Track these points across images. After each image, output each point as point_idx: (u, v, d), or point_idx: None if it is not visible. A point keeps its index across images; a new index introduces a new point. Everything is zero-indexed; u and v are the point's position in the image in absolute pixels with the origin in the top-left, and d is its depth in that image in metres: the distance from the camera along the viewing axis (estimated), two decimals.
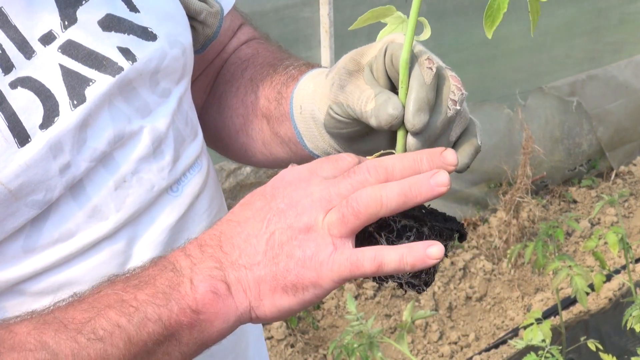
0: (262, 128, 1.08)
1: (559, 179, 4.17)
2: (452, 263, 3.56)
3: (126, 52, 0.93)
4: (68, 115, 0.86)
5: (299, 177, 0.80)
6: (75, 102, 0.87)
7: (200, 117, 1.16)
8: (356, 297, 3.30)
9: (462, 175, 3.77)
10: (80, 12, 0.91)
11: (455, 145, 0.86)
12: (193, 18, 1.07)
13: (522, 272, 3.57)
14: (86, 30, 0.91)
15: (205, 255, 0.80)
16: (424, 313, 1.95)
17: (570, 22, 3.94)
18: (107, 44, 0.92)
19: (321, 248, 0.78)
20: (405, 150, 0.83)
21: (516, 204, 3.61)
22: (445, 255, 0.79)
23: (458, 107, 0.82)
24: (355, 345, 1.92)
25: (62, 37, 0.89)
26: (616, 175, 4.30)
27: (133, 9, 0.96)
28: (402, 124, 0.82)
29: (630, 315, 1.87)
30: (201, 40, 1.09)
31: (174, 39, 0.99)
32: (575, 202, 4.10)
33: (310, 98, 0.95)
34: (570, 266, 2.14)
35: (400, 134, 0.83)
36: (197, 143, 1.04)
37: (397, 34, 0.87)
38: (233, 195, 3.09)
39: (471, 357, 3.14)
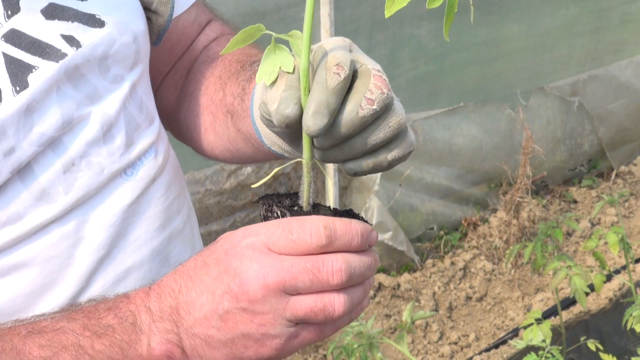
0: (228, 125, 1.09)
1: (559, 178, 4.17)
2: (452, 263, 3.57)
3: (70, 39, 0.94)
4: (10, 101, 0.87)
5: (253, 246, 0.79)
6: (17, 89, 0.88)
7: (172, 114, 1.18)
8: None
9: (462, 175, 3.78)
10: (24, 1, 0.93)
11: (380, 148, 0.84)
12: (147, 9, 1.08)
13: (522, 272, 3.57)
14: (29, 19, 0.92)
15: (163, 313, 0.82)
16: (424, 313, 1.95)
17: (571, 22, 3.94)
18: (51, 32, 0.93)
19: (282, 333, 0.80)
20: (311, 155, 0.82)
21: (516, 204, 3.61)
22: None
23: (375, 107, 0.80)
24: (355, 346, 1.92)
25: (5, 26, 0.91)
26: (616, 175, 4.30)
27: None
28: (299, 124, 0.81)
29: (631, 315, 1.87)
30: (156, 30, 1.10)
31: (124, 27, 1.00)
32: (575, 202, 4.10)
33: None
34: (569, 266, 2.14)
35: (305, 139, 0.82)
36: (154, 129, 1.06)
37: (332, 40, 0.86)
38: (234, 195, 3.09)
39: (471, 357, 3.14)
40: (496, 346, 3.17)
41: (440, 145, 3.66)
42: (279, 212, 0.83)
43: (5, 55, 0.89)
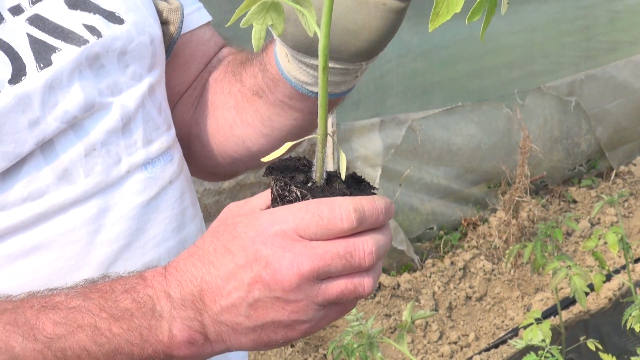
0: (257, 108, 1.08)
1: (558, 178, 4.17)
2: (452, 263, 3.57)
3: (91, 29, 0.97)
4: (35, 76, 0.90)
5: (283, 234, 0.78)
6: (41, 65, 0.91)
7: (186, 134, 1.17)
8: None
9: (461, 175, 3.78)
10: None
11: None
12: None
13: (522, 272, 3.57)
14: (53, 7, 0.96)
15: (185, 301, 0.81)
16: (423, 313, 1.95)
17: (556, 19, 3.94)
18: (73, 21, 0.97)
19: (314, 317, 0.80)
20: (325, 130, 0.81)
21: (515, 204, 3.62)
22: None
23: None
24: (355, 346, 1.92)
25: (29, 11, 0.95)
26: (616, 175, 4.30)
27: None
28: None
29: (630, 315, 1.87)
30: (167, 41, 1.11)
31: (141, 27, 1.03)
32: (575, 202, 4.10)
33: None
34: (569, 266, 2.14)
35: (321, 113, 0.80)
36: (171, 135, 1.07)
37: None
38: (233, 195, 3.09)
39: (471, 357, 3.14)
40: (496, 346, 3.17)
41: (439, 145, 3.66)
42: (298, 193, 0.81)
43: (29, 35, 0.93)
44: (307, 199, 0.80)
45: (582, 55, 4.11)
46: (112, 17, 1.00)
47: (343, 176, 0.83)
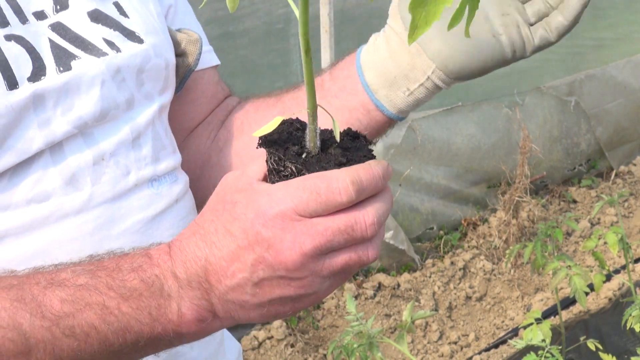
0: (301, 97, 1.09)
1: (558, 178, 4.17)
2: (452, 263, 3.57)
3: (111, 44, 0.99)
4: (54, 77, 0.92)
5: (283, 215, 0.78)
6: (61, 69, 0.93)
7: (207, 161, 1.17)
8: (356, 297, 3.30)
9: (462, 175, 3.78)
10: (73, 1, 0.99)
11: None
12: (175, 54, 1.12)
13: (522, 272, 3.57)
14: (76, 18, 0.98)
15: (192, 282, 0.82)
16: (423, 313, 1.95)
17: None
18: (94, 33, 0.99)
19: (320, 289, 0.81)
20: (315, 104, 0.81)
21: (515, 204, 3.62)
22: None
23: None
24: (355, 346, 1.92)
25: (53, 18, 0.97)
26: (616, 175, 4.30)
27: (123, 13, 1.03)
28: None
29: (630, 315, 1.87)
30: (181, 73, 1.12)
31: (159, 51, 1.05)
32: (575, 202, 4.10)
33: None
34: (569, 266, 2.14)
35: (309, 85, 0.81)
36: (176, 158, 1.08)
37: None
38: None
39: (471, 357, 3.14)
40: (496, 346, 3.18)
41: (439, 145, 3.66)
42: (293, 169, 0.81)
43: (51, 40, 0.95)
44: (303, 173, 0.80)
45: (568, 52, 4.11)
46: (132, 36, 1.02)
47: (338, 138, 0.83)
